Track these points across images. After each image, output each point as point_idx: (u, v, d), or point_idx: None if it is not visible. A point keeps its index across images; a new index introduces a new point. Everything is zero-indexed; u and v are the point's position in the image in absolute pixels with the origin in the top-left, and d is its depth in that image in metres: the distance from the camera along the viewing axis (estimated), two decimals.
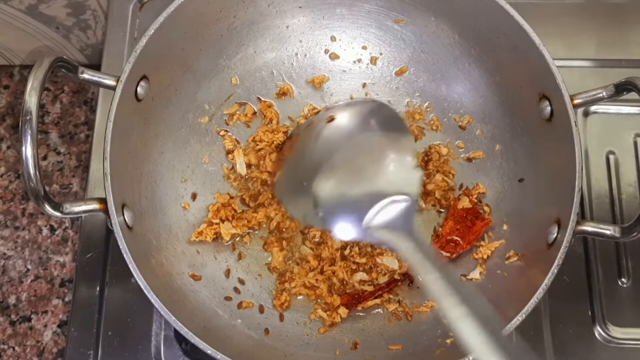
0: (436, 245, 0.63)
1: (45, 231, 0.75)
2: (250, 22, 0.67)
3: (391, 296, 0.63)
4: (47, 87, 0.81)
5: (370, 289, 0.63)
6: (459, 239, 0.63)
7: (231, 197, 0.66)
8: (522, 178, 0.65)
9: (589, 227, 0.56)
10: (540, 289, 0.53)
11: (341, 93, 0.70)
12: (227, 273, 0.63)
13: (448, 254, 0.63)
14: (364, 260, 0.63)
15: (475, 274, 0.63)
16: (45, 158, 0.78)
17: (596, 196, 0.71)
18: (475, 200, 0.65)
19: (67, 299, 0.71)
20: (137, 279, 0.52)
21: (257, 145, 0.68)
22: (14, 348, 0.69)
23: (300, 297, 0.63)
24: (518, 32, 0.59)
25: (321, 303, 0.63)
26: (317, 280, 0.63)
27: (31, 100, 0.48)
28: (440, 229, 0.65)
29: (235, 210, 0.65)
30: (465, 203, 0.64)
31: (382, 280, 0.63)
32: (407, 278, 0.63)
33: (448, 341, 0.59)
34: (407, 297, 0.63)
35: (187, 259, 0.62)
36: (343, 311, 0.62)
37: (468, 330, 0.45)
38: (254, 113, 0.68)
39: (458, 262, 0.64)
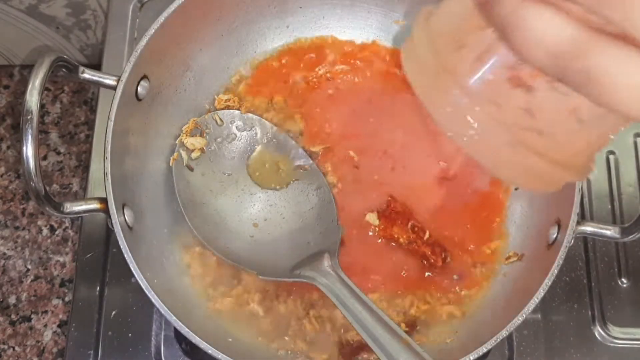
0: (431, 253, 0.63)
1: (45, 231, 0.74)
2: (250, 22, 0.67)
3: None
4: (47, 87, 0.81)
5: None
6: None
7: None
8: (517, 187, 0.64)
9: (589, 228, 0.56)
10: (540, 289, 0.53)
11: None
12: None
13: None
14: None
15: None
16: (45, 158, 0.78)
17: (596, 196, 0.71)
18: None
19: (67, 299, 0.71)
20: (138, 279, 0.52)
21: None
22: (14, 348, 0.69)
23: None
24: None
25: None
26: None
27: (32, 99, 0.48)
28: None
29: None
30: (372, 219, 0.62)
31: None
32: (417, 324, 0.61)
33: (448, 340, 0.59)
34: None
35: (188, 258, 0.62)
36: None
37: None
38: None
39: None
